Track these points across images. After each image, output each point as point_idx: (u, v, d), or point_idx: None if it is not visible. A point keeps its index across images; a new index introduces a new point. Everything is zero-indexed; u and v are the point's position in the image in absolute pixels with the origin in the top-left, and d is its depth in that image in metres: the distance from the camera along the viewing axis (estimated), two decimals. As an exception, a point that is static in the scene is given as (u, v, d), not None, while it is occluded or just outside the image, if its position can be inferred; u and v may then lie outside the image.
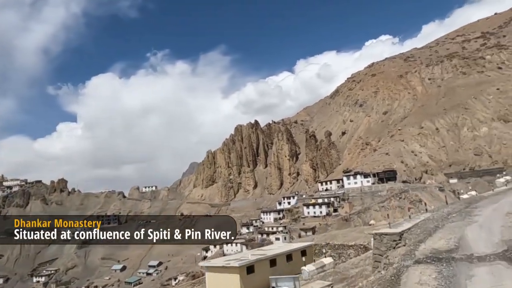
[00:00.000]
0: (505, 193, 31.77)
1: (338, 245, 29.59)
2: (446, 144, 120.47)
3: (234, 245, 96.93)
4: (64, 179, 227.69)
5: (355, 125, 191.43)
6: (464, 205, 26.38)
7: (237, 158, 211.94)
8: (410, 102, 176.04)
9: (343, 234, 34.50)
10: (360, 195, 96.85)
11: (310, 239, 36.25)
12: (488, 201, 26.85)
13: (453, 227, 17.27)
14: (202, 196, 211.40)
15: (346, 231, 40.58)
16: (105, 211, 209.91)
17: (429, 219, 20.86)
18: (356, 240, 30.63)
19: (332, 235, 35.44)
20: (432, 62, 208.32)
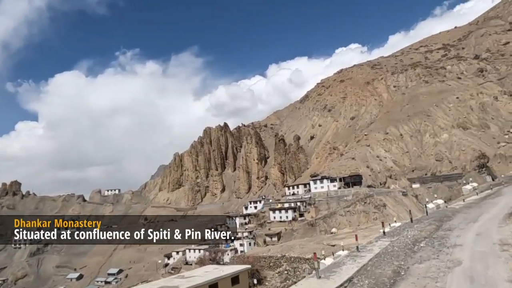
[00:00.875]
0: (479, 206, 29.47)
1: (294, 258, 27.36)
2: (409, 150, 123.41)
3: (196, 251, 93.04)
4: (18, 182, 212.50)
5: (323, 130, 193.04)
6: (434, 225, 22.57)
7: (205, 161, 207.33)
8: (376, 108, 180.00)
9: (301, 245, 32.37)
10: (326, 199, 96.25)
11: (266, 250, 33.84)
12: (463, 217, 24.02)
13: (424, 274, 11.41)
14: (168, 200, 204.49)
15: (305, 241, 38.66)
16: (63, 215, 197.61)
17: (386, 253, 14.79)
18: (314, 252, 28.57)
19: (289, 246, 33.25)
20: (397, 70, 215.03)
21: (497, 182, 45.44)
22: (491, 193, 36.94)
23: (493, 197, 34.11)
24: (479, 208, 26.86)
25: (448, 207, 32.30)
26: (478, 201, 32.44)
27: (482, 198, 34.05)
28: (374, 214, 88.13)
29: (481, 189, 44.08)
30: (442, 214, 26.70)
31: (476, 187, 42.08)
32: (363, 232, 27.64)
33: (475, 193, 38.58)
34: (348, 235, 31.01)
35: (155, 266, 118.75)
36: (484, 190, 40.88)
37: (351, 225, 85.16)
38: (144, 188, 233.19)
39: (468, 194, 37.95)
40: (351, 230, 28.09)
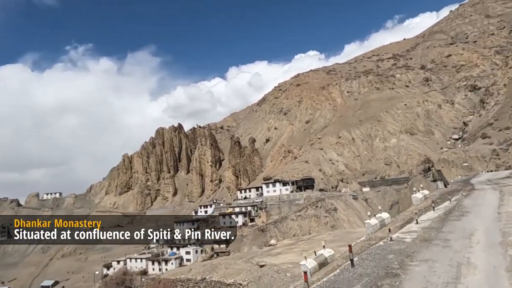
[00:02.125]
0: (444, 237, 18.04)
1: (215, 282, 23.33)
2: (360, 154, 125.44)
3: (138, 261, 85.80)
4: None
5: (279, 133, 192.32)
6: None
7: (156, 163, 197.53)
8: (331, 113, 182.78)
9: (226, 264, 28.10)
10: (278, 203, 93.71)
11: (187, 270, 29.37)
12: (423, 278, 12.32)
13: None
14: (114, 204, 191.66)
15: (232, 259, 34.50)
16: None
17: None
18: (239, 274, 23.97)
19: (213, 266, 29.03)
20: (351, 77, 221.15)
21: (450, 190, 38.40)
22: (452, 208, 26.94)
23: (458, 217, 23.28)
24: (447, 246, 16.18)
25: (393, 238, 19.14)
26: (439, 223, 21.47)
27: (443, 218, 23.07)
28: (325, 218, 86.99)
29: (433, 197, 33.16)
30: (382, 263, 14.74)
31: (427, 195, 33.92)
32: (303, 245, 24.20)
33: (429, 206, 28.11)
34: (286, 249, 27.28)
35: (94, 278, 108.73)
36: (441, 203, 29.58)
37: (301, 230, 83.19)
38: (89, 191, 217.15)
39: (420, 209, 27.58)
40: (292, 241, 24.73)
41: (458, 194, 33.98)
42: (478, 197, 30.77)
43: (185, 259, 79.37)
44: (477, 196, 32.09)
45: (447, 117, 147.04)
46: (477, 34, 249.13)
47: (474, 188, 40.11)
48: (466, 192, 36.27)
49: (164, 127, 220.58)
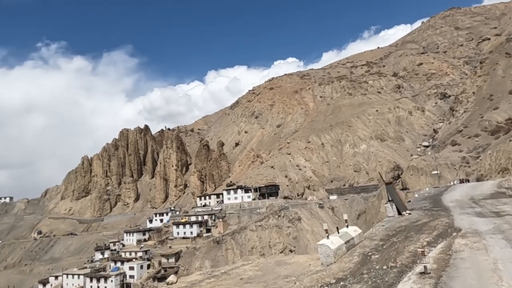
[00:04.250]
0: None
1: None
2: (329, 159, 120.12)
3: (76, 277, 75.32)
4: None
5: (249, 137, 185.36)
6: None
7: (118, 166, 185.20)
8: (302, 117, 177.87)
9: None
10: (238, 212, 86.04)
11: None
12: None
13: None
14: (70, 210, 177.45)
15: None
16: None
17: None
18: None
19: None
20: (324, 82, 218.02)
21: (405, 226, 21.93)
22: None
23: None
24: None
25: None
26: None
27: None
28: (287, 229, 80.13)
29: (363, 250, 17.19)
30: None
31: (355, 241, 20.73)
32: (209, 285, 16.24)
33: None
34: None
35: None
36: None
37: (261, 242, 75.80)
38: (44, 195, 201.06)
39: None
40: (200, 278, 16.94)
41: (422, 243, 13.84)
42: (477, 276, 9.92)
43: (128, 275, 69.93)
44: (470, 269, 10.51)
45: (418, 124, 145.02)
46: (447, 45, 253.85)
47: (453, 224, 16.38)
48: (440, 241, 13.73)
49: (129, 128, 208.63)
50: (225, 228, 78.67)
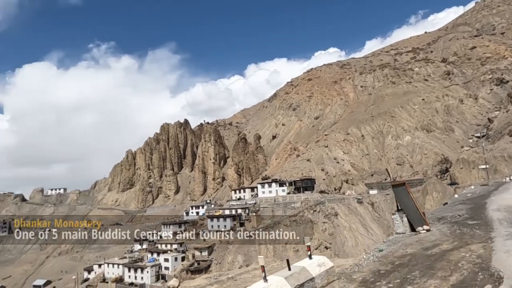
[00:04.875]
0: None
1: None
2: (369, 152, 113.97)
3: (116, 266, 78.33)
4: None
5: (286, 129, 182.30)
6: None
7: (159, 160, 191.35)
8: (341, 108, 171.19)
9: None
10: (272, 206, 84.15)
11: None
12: None
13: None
14: (116, 201, 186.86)
15: None
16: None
17: None
18: None
19: None
20: (365, 71, 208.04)
21: None
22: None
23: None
24: None
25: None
26: None
27: None
28: (323, 224, 76.87)
29: None
30: None
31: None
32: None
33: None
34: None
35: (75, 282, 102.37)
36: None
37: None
38: (93, 187, 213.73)
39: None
40: (205, 282, 15.49)
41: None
42: None
43: (163, 267, 71.24)
44: None
45: (470, 112, 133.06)
46: (505, 25, 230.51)
47: (491, 261, 8.72)
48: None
49: (170, 123, 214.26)
50: (258, 222, 77.28)
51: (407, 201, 14.00)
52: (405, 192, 14.09)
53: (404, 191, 14.14)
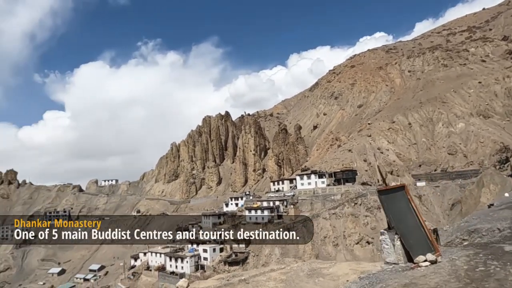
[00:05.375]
0: None
1: None
2: (417, 141, 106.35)
3: (158, 255, 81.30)
4: (14, 171, 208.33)
5: (328, 119, 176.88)
6: None
7: (202, 152, 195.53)
8: (387, 95, 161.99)
9: None
10: (311, 198, 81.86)
11: None
12: None
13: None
14: (163, 192, 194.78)
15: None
16: (56, 206, 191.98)
17: None
18: None
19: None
20: (413, 54, 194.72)
21: None
22: None
23: None
24: None
25: None
26: None
27: None
28: (365, 218, 73.29)
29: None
30: None
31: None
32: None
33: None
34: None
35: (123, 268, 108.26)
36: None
37: (334, 231, 70.75)
38: (142, 178, 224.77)
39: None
40: (218, 279, 14.72)
41: None
42: None
43: (202, 257, 72.48)
44: None
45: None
46: None
47: None
48: None
49: (211, 115, 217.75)
50: (296, 214, 75.50)
51: (405, 214, 9.27)
52: (403, 200, 9.32)
53: (401, 198, 9.36)
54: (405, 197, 9.25)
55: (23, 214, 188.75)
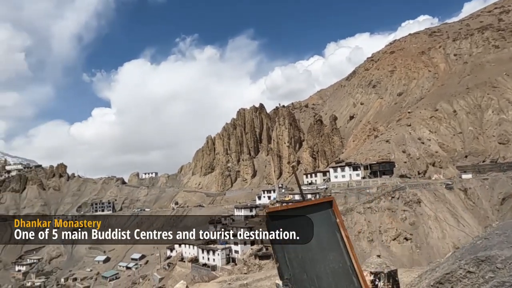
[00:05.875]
0: None
1: None
2: (463, 130, 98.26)
3: (191, 247, 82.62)
4: (64, 164, 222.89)
5: (365, 109, 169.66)
6: None
7: (236, 144, 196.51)
8: (429, 82, 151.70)
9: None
10: (345, 192, 78.72)
11: None
12: None
13: None
14: (199, 185, 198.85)
15: None
16: (101, 197, 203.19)
17: None
18: None
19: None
20: (460, 36, 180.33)
21: None
22: None
23: None
24: None
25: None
26: None
27: None
28: (403, 212, 69.02)
29: None
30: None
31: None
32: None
33: None
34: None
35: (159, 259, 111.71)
36: None
37: (369, 226, 67.42)
38: (180, 171, 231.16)
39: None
40: (219, 282, 13.49)
41: None
42: None
43: (233, 250, 72.49)
44: None
45: None
46: None
47: None
48: None
49: (246, 108, 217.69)
50: (329, 208, 72.87)
51: (323, 252, 5.82)
52: (326, 225, 5.97)
53: (321, 223, 5.97)
54: (331, 220, 5.92)
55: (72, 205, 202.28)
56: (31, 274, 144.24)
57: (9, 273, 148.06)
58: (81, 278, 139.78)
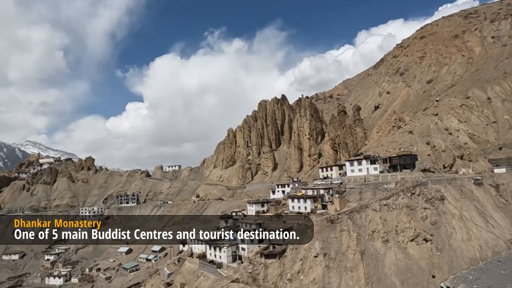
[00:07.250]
0: None
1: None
2: (498, 119, 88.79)
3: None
4: (92, 157, 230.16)
5: (391, 98, 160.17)
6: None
7: (257, 137, 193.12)
8: (463, 67, 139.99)
9: None
10: (361, 187, 73.34)
11: None
12: None
13: None
14: (220, 178, 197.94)
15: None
16: (126, 190, 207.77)
17: None
18: None
19: None
20: (499, 17, 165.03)
21: None
22: None
23: None
24: None
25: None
26: None
27: None
28: (423, 210, 62.94)
29: None
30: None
31: None
32: None
33: None
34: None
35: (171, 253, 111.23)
36: None
37: (384, 225, 62.13)
38: (202, 164, 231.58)
39: None
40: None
41: None
42: None
43: (240, 247, 69.66)
44: None
45: None
46: None
47: None
48: None
49: (267, 100, 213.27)
50: (342, 205, 68.05)
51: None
52: None
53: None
54: None
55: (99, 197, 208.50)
56: (59, 263, 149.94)
57: (39, 262, 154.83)
58: (104, 268, 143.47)
